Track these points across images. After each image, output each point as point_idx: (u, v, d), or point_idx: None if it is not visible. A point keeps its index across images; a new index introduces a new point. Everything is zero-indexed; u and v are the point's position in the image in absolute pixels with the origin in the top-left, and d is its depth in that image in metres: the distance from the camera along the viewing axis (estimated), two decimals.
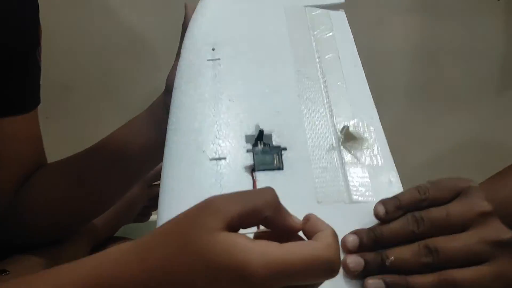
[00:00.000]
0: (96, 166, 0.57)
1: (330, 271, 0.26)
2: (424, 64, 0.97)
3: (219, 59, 0.46)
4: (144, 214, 0.76)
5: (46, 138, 0.58)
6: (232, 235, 0.27)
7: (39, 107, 0.56)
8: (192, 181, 0.36)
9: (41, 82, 0.55)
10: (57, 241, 0.57)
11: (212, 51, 0.47)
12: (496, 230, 0.32)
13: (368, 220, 0.34)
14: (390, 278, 0.30)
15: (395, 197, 0.33)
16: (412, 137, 0.91)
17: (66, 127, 0.54)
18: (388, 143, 0.40)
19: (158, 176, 0.68)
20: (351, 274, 0.31)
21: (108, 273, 0.28)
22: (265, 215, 0.28)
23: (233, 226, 0.27)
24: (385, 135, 0.40)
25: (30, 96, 0.56)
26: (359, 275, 0.31)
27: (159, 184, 0.78)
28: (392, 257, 0.30)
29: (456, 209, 0.32)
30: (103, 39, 0.86)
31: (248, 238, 0.27)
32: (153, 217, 0.80)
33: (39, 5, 0.54)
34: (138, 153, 0.54)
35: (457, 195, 0.33)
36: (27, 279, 0.32)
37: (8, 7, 0.51)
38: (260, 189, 0.30)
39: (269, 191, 0.28)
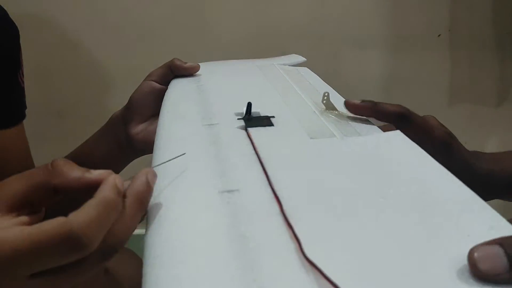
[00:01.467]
0: None
1: (73, 247, 0.24)
2: (379, 92, 1.09)
3: (203, 84, 0.51)
4: None
5: (42, 159, 0.66)
6: None
7: (36, 131, 0.64)
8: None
9: (37, 109, 0.61)
10: None
11: (197, 83, 0.52)
12: None
13: (358, 154, 0.35)
14: None
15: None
16: None
17: (61, 150, 0.61)
18: None
19: None
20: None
21: None
22: (52, 184, 0.27)
23: (19, 205, 0.28)
24: None
25: (15, 112, 0.61)
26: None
27: None
28: None
29: None
30: (95, 72, 0.99)
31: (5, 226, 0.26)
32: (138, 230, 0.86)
33: (35, 40, 0.63)
34: (99, 163, 0.57)
35: None
36: None
37: None
38: (38, 167, 0.29)
39: (44, 166, 0.28)
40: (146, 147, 0.55)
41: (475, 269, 0.22)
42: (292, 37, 1.03)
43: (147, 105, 0.55)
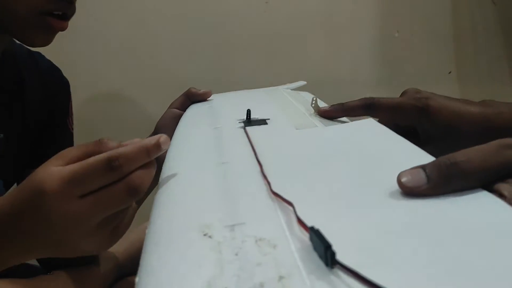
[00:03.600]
0: None
1: (110, 166, 0.34)
2: None
3: (214, 105, 0.60)
4: None
5: None
6: (57, 167, 0.35)
7: None
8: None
9: None
10: (87, 262, 0.66)
11: (210, 104, 0.61)
12: None
13: (332, 136, 0.41)
14: None
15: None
16: None
17: None
18: None
19: None
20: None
21: None
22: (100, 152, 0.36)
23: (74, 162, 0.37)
24: None
25: None
26: None
27: None
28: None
29: None
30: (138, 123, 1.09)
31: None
32: None
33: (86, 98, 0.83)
34: None
35: None
36: None
37: (46, 92, 0.69)
38: (91, 142, 0.39)
39: (95, 141, 0.38)
40: None
41: (403, 186, 0.28)
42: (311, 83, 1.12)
43: (171, 129, 0.64)
